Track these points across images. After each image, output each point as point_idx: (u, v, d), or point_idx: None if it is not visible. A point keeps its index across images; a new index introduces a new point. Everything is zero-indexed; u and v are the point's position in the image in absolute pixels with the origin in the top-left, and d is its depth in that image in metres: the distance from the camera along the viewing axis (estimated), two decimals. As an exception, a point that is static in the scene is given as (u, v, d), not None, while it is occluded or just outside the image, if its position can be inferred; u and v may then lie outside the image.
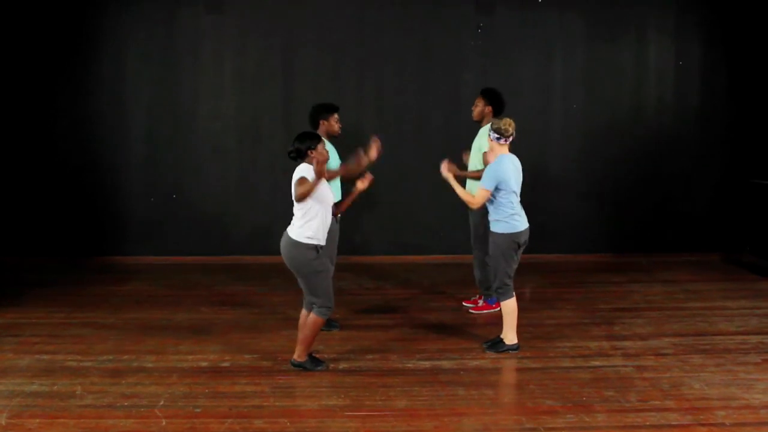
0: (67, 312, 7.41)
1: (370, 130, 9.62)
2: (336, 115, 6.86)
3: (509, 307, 6.21)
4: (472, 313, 7.44)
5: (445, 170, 6.40)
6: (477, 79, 9.96)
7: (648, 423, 4.86)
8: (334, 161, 6.63)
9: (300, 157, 5.74)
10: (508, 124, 6.15)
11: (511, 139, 6.18)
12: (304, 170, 5.62)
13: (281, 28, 9.83)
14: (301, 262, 5.57)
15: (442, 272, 9.22)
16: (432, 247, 9.99)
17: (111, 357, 6.06)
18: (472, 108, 7.37)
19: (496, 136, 6.14)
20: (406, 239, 10.02)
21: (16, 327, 6.87)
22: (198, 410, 5.02)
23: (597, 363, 6.00)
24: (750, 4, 9.86)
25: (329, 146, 6.51)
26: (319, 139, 5.76)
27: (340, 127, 6.92)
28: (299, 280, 5.70)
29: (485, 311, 7.42)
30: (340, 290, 7.23)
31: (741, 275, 9.21)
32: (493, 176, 6.06)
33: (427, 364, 5.92)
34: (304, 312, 5.79)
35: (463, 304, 7.64)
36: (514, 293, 6.22)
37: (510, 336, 6.22)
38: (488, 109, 7.26)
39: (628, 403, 5.16)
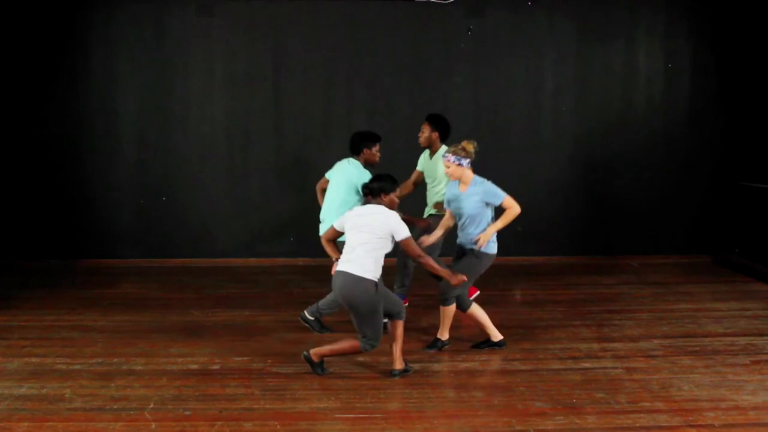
0: (56, 315, 7.38)
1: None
2: (378, 145, 6.87)
3: (452, 310, 6.29)
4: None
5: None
6: (467, 82, 10.01)
7: (637, 424, 4.87)
8: None
9: (374, 195, 5.71)
10: (473, 147, 6.17)
11: None
12: (397, 220, 5.60)
13: (272, 32, 9.82)
14: (363, 300, 5.52)
15: (427, 275, 9.17)
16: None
17: (100, 360, 6.04)
18: (419, 134, 7.30)
19: (468, 160, 6.12)
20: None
21: (5, 330, 6.84)
22: (188, 413, 5.00)
23: (587, 365, 6.01)
24: (739, 7, 9.90)
25: (366, 173, 6.58)
26: (396, 187, 5.77)
27: (379, 157, 6.93)
28: (353, 315, 5.65)
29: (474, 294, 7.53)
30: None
31: (730, 277, 9.24)
32: (494, 186, 6.14)
33: (417, 366, 5.92)
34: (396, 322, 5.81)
35: None
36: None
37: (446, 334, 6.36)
38: (435, 134, 7.23)
39: (618, 405, 5.18)
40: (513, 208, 6.07)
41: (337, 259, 5.76)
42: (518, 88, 10.09)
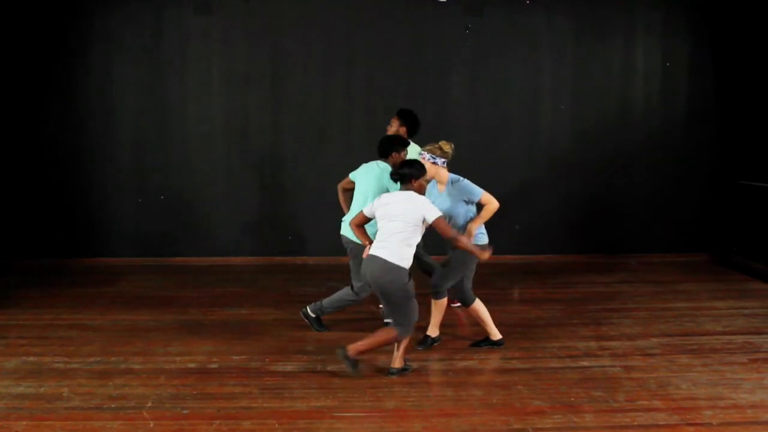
0: (54, 313, 7.37)
1: (359, 131, 9.70)
2: (407, 150, 6.87)
3: (444, 305, 6.37)
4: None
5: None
6: (465, 80, 10.01)
7: (636, 423, 4.87)
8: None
9: (403, 181, 5.73)
10: (450, 147, 6.20)
11: None
12: (427, 203, 5.63)
13: (270, 30, 9.81)
14: (396, 287, 5.55)
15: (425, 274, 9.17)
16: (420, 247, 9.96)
17: (98, 358, 6.03)
18: (387, 128, 7.37)
19: (444, 160, 6.14)
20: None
21: (3, 329, 6.83)
22: (186, 412, 5.00)
23: (585, 363, 6.01)
24: (737, 6, 9.91)
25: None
26: (425, 172, 5.79)
27: None
28: (386, 303, 5.68)
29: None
30: (329, 291, 7.22)
31: (728, 276, 9.26)
32: (470, 182, 6.13)
33: (415, 365, 5.92)
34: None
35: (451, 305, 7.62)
36: None
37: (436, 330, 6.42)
38: (403, 129, 7.28)
39: (616, 403, 5.18)
40: (491, 204, 6.08)
41: (370, 244, 5.78)
42: (516, 86, 10.09)
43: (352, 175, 6.90)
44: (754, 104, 9.67)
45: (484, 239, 6.20)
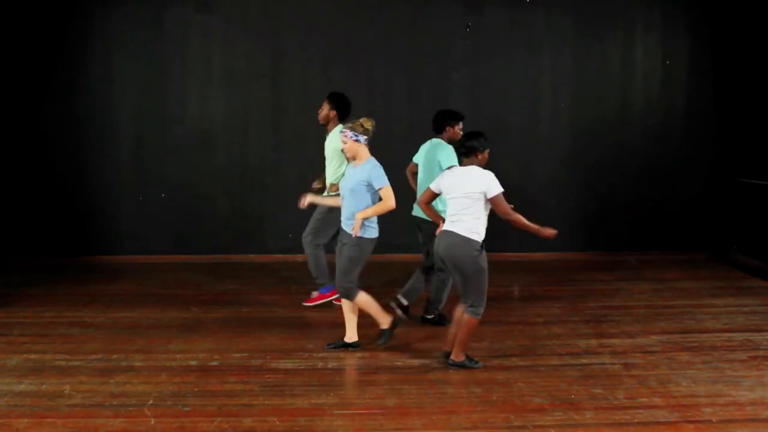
0: (55, 311, 7.39)
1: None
2: (461, 123, 6.91)
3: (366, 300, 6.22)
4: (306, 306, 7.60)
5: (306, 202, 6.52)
6: (466, 79, 10.01)
7: (636, 420, 4.88)
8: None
9: (467, 155, 5.78)
10: (371, 124, 6.08)
11: None
12: (491, 177, 5.65)
13: (270, 28, 9.82)
14: (469, 260, 5.58)
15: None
16: (418, 246, 9.93)
17: (100, 356, 6.04)
18: (318, 111, 7.44)
19: (366, 137, 6.06)
20: (393, 237, 9.99)
21: (5, 326, 6.84)
22: (187, 409, 5.01)
23: (585, 360, 6.02)
24: (737, 4, 9.91)
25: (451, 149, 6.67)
26: (487, 145, 5.86)
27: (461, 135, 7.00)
28: (461, 277, 5.68)
29: (320, 301, 7.59)
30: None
31: (728, 273, 9.27)
32: (383, 172, 6.05)
33: (416, 362, 5.93)
34: (459, 308, 5.76)
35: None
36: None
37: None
38: (333, 113, 7.36)
39: (616, 401, 5.19)
40: (388, 201, 5.99)
41: (442, 222, 5.82)
42: (516, 84, 10.09)
43: (416, 158, 7.06)
44: (753, 102, 9.68)
45: (374, 233, 6.08)
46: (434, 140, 6.91)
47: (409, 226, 9.30)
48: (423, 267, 6.89)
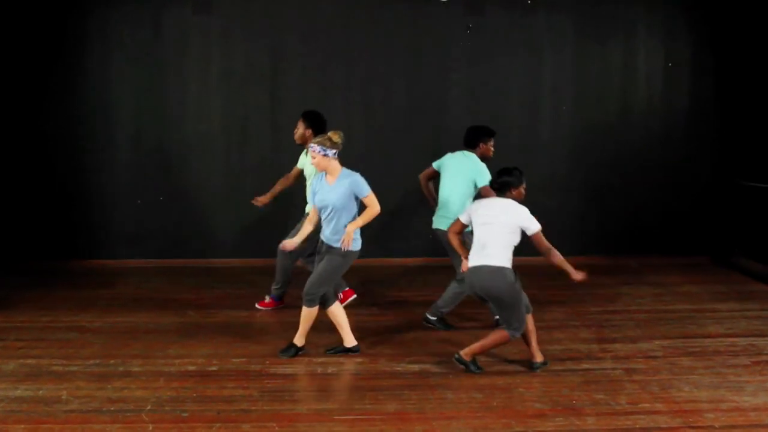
0: (52, 316, 7.34)
1: (358, 131, 9.67)
2: (493, 140, 6.93)
3: (315, 313, 6.17)
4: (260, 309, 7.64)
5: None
6: (466, 80, 9.98)
7: (637, 426, 4.86)
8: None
9: (501, 191, 5.89)
10: (339, 137, 6.05)
11: None
12: (528, 214, 5.82)
13: (269, 29, 9.77)
14: (506, 289, 5.64)
15: (428, 275, 9.16)
16: (419, 250, 9.94)
17: (97, 361, 6.01)
18: (294, 131, 7.40)
19: (334, 151, 6.01)
20: (393, 241, 9.99)
21: (1, 331, 6.79)
22: (185, 415, 4.98)
23: (587, 366, 5.99)
24: (739, 6, 9.89)
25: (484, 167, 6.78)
26: (523, 180, 5.99)
27: (493, 152, 7.04)
28: (498, 307, 5.75)
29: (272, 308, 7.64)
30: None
31: (730, 277, 9.22)
32: (362, 179, 6.02)
33: (416, 367, 5.90)
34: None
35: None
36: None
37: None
38: (309, 132, 7.28)
39: (618, 406, 5.16)
40: (373, 207, 5.99)
41: (465, 257, 5.85)
42: (517, 86, 10.06)
43: (436, 165, 7.01)
44: (755, 104, 9.64)
45: (359, 245, 6.04)
46: (467, 153, 6.88)
47: (408, 227, 9.33)
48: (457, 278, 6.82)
